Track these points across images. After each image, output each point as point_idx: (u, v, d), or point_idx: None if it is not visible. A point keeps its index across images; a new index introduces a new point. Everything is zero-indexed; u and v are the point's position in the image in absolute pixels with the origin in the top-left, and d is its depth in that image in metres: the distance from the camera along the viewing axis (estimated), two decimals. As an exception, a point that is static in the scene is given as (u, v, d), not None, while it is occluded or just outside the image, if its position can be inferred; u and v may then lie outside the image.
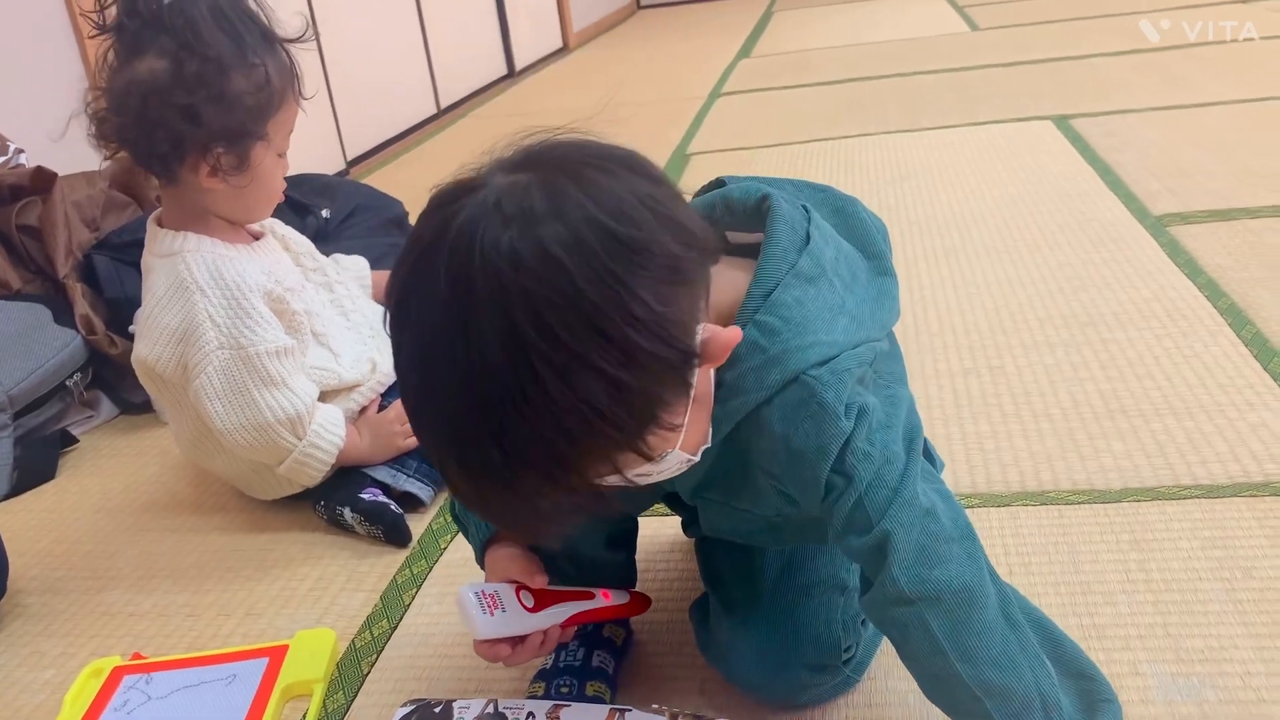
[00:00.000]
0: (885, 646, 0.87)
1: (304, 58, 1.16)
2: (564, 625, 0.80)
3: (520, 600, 0.77)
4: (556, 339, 0.52)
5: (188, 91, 1.04)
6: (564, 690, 0.87)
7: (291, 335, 1.18)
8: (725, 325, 0.65)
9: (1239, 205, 1.76)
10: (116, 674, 0.98)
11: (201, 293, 1.12)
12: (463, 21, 3.88)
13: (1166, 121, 2.30)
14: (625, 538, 0.93)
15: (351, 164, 2.99)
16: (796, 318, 0.65)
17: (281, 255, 1.26)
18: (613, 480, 0.60)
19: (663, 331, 0.55)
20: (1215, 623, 0.87)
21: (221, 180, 1.11)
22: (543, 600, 0.78)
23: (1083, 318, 1.45)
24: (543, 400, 0.53)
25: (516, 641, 0.78)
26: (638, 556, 0.95)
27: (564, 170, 0.56)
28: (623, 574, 0.94)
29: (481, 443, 0.55)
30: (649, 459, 0.59)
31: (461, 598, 0.76)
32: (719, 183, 0.78)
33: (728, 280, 0.67)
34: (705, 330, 0.60)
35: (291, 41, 1.12)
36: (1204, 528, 0.99)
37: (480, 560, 0.83)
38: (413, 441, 1.20)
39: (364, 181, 2.21)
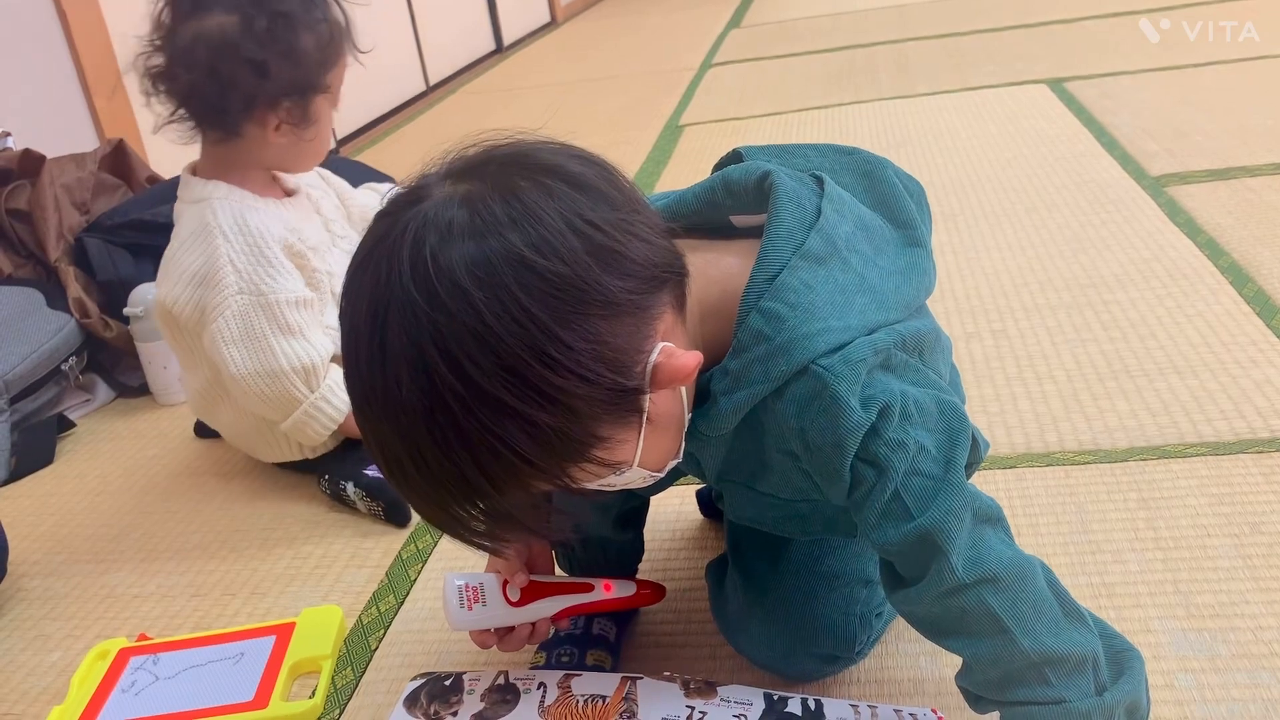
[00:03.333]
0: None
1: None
2: (557, 618, 0.79)
3: (505, 593, 0.77)
4: (465, 375, 0.52)
5: (259, 46, 1.07)
6: (564, 659, 0.87)
7: (311, 290, 1.18)
8: (728, 314, 0.63)
9: (1237, 164, 1.75)
10: (123, 655, 0.98)
11: (224, 237, 1.13)
12: (450, -3, 3.84)
13: (1162, 82, 2.29)
14: (634, 516, 0.91)
15: (341, 142, 2.97)
16: (804, 303, 0.62)
17: (312, 216, 1.27)
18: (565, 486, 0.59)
19: (586, 371, 0.53)
20: (1225, 578, 0.87)
21: (287, 133, 1.14)
22: (531, 594, 0.78)
23: (1083, 280, 1.44)
24: (453, 431, 0.53)
25: (505, 630, 0.78)
26: (651, 529, 0.94)
27: (500, 187, 0.54)
28: (630, 552, 0.93)
29: (398, 454, 0.55)
30: (571, 489, 0.59)
31: (445, 586, 0.77)
32: (736, 155, 0.75)
33: (730, 267, 0.65)
34: (662, 353, 0.57)
35: None
36: (1211, 485, 0.99)
37: None
38: None
39: (355, 159, 2.19)
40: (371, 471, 1.16)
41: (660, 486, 0.86)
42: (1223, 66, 2.33)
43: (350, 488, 1.16)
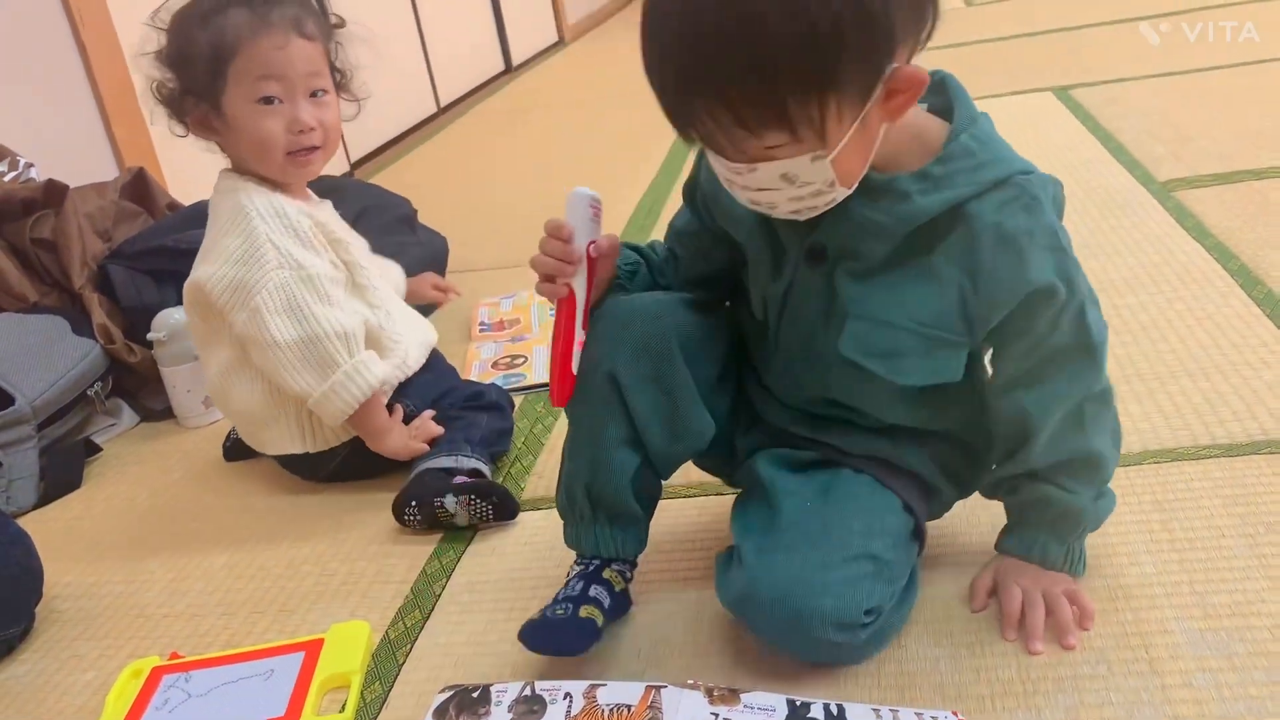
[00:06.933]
0: (914, 616, 0.89)
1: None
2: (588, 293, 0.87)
3: (594, 244, 0.87)
4: None
5: (164, 59, 1.18)
6: (559, 613, 0.87)
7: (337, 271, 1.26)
8: (932, 136, 0.78)
9: (1244, 167, 1.76)
10: (156, 674, 1.00)
11: (261, 218, 1.20)
12: (458, 18, 3.88)
13: (1168, 87, 2.30)
14: (651, 500, 0.93)
15: (355, 165, 3.00)
16: (997, 141, 0.78)
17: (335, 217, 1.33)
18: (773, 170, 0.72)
19: (885, 4, 0.66)
20: (1241, 578, 0.88)
21: (207, 134, 1.21)
22: (590, 264, 0.87)
23: (1093, 285, 1.44)
24: None
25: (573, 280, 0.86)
26: (672, 538, 0.96)
27: None
28: (656, 493, 0.94)
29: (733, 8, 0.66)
30: (821, 136, 0.69)
31: (579, 192, 0.87)
32: None
33: (927, 118, 0.79)
34: (899, 65, 0.70)
35: None
36: (1225, 486, 1.00)
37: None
38: (420, 447, 1.24)
39: (370, 182, 2.21)
40: (458, 480, 1.17)
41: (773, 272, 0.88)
42: (1227, 70, 2.35)
43: (449, 501, 1.14)
